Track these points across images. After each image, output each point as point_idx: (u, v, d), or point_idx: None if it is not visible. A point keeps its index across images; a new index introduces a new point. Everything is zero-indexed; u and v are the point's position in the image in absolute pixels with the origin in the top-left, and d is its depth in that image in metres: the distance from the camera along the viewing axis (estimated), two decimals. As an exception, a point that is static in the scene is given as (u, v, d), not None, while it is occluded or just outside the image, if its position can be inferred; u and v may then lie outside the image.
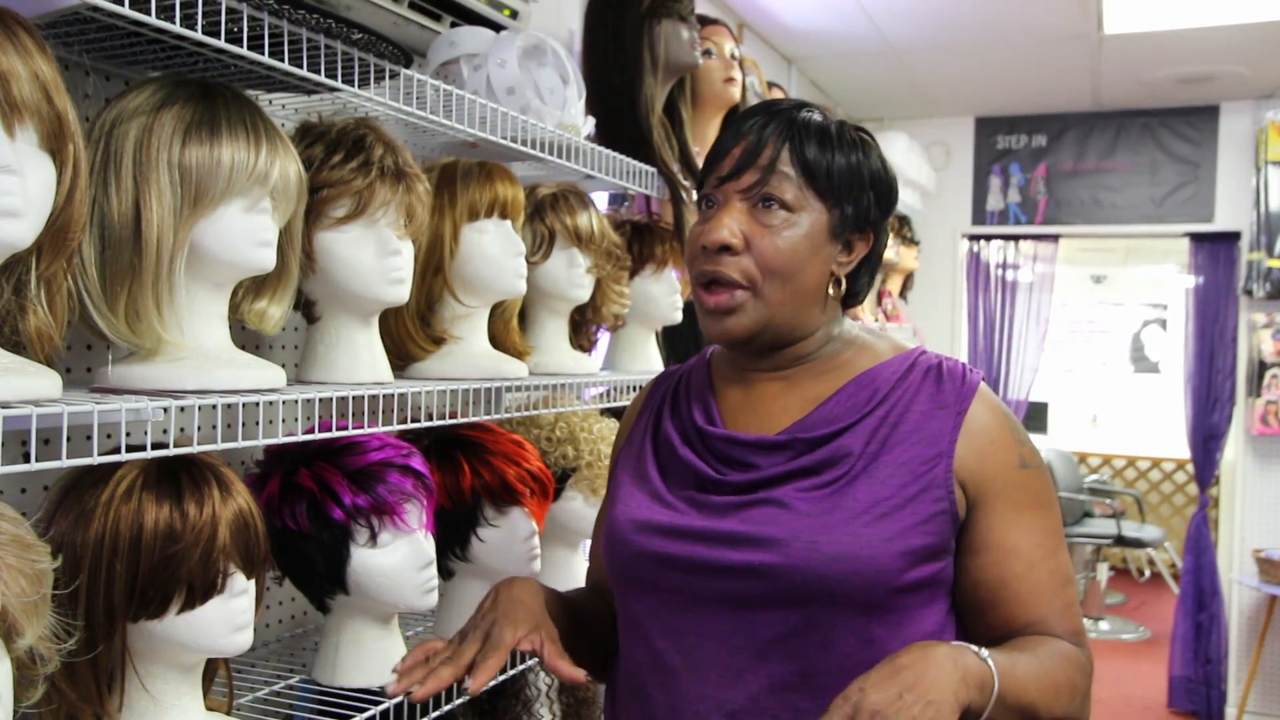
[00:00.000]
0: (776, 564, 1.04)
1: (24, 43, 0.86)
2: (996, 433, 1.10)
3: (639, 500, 1.16)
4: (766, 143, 1.10)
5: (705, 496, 1.11)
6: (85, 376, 1.23)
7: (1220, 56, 3.85)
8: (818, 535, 1.04)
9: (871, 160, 1.15)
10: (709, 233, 1.11)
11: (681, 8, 2.12)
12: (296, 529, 1.26)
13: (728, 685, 1.07)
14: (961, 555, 1.10)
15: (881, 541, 1.03)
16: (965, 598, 1.11)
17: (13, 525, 0.82)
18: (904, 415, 1.10)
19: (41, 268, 0.93)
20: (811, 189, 1.10)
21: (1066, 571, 1.12)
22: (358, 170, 1.27)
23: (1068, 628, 1.09)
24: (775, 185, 1.09)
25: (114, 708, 1.03)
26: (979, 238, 5.05)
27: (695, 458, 1.14)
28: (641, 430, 1.24)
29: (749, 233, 1.10)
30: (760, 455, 1.11)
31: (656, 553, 1.11)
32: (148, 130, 1.04)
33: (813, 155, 1.10)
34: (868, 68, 4.13)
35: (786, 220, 1.10)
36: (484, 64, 1.55)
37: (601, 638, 1.25)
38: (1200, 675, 4.57)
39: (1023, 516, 1.09)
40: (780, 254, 1.09)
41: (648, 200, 2.19)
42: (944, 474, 1.07)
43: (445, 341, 1.50)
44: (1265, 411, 4.34)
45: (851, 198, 1.12)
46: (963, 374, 1.14)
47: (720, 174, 1.13)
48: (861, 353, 1.17)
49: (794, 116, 1.13)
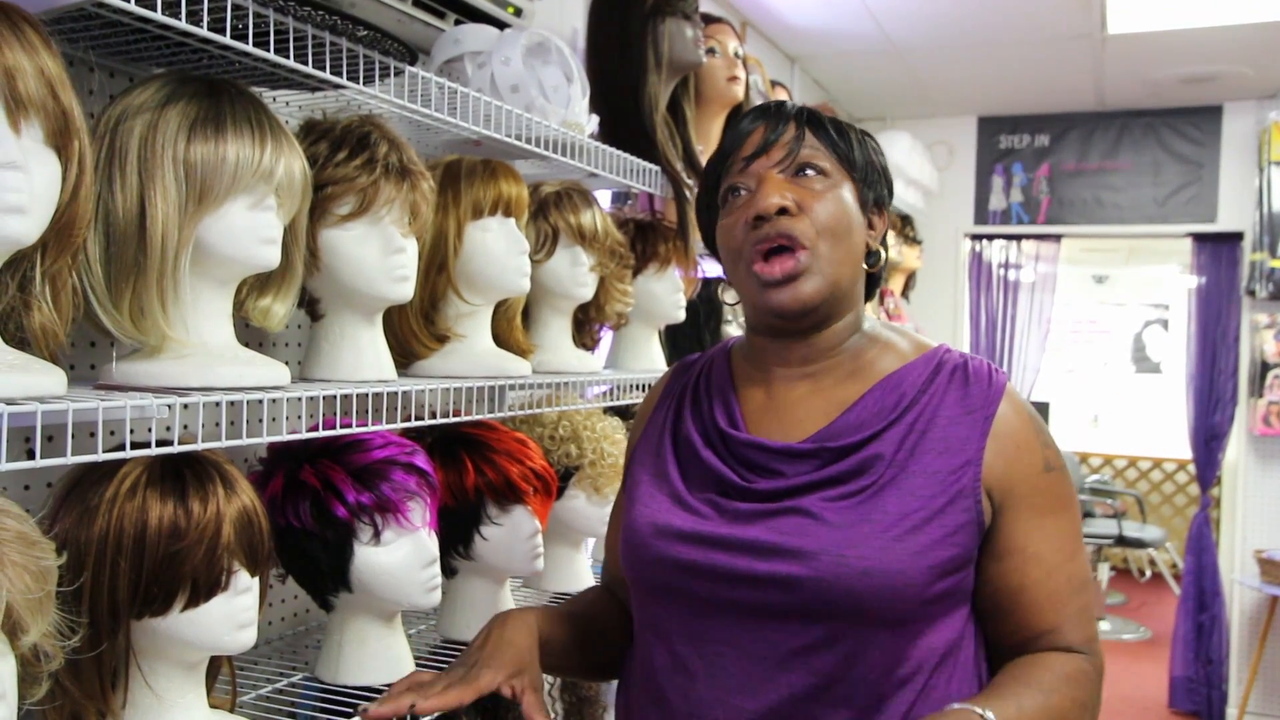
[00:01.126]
0: (804, 576, 1.02)
1: (30, 39, 0.86)
2: (1023, 437, 1.09)
3: (659, 502, 1.14)
4: (787, 124, 1.12)
5: (728, 502, 1.09)
6: (89, 373, 1.23)
7: (1224, 56, 3.85)
8: (847, 549, 1.02)
9: (879, 155, 1.18)
10: (759, 200, 1.08)
11: (685, 6, 2.11)
12: (300, 527, 1.26)
13: (748, 694, 1.05)
14: (983, 560, 1.08)
15: (910, 556, 1.02)
16: (984, 603, 1.10)
17: (17, 522, 0.82)
18: (932, 421, 1.08)
19: (46, 264, 0.93)
20: (838, 162, 1.12)
21: (1084, 575, 1.11)
22: (362, 167, 1.27)
23: (1081, 636, 1.09)
24: (809, 154, 1.10)
25: (118, 705, 1.03)
26: (981, 237, 5.05)
27: (719, 461, 1.12)
28: (659, 425, 1.22)
29: (797, 198, 1.09)
30: (786, 463, 1.09)
31: (677, 559, 1.09)
32: (153, 127, 1.04)
33: (834, 135, 1.13)
34: (871, 67, 4.13)
35: (828, 184, 1.10)
36: (488, 62, 1.54)
37: (612, 643, 1.24)
38: (1201, 676, 4.57)
39: (1045, 521, 1.08)
40: (834, 215, 1.09)
41: (651, 199, 2.18)
42: (972, 482, 1.05)
43: (449, 339, 1.50)
44: (1267, 412, 4.34)
45: (869, 177, 1.15)
46: (989, 375, 1.12)
47: (745, 154, 1.12)
48: (885, 352, 1.15)
49: (803, 108, 1.16)
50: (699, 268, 2.13)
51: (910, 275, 4.50)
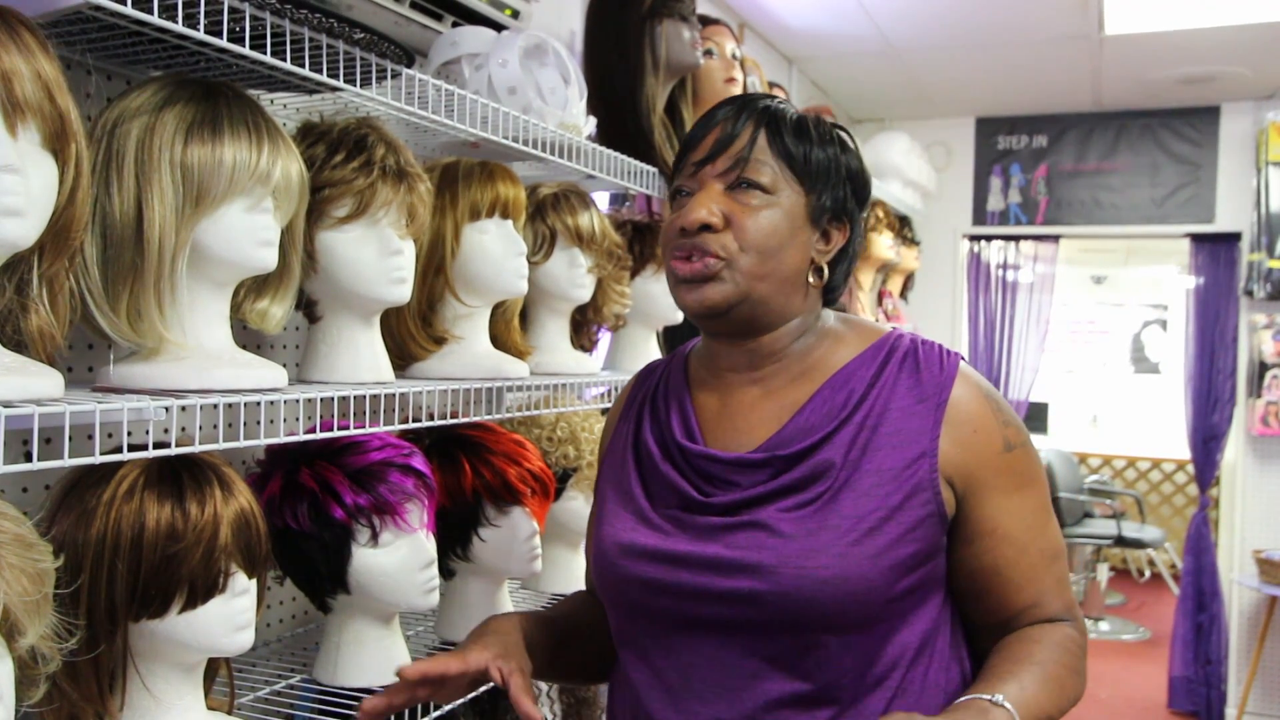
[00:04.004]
0: (766, 590, 1.02)
1: (26, 42, 0.86)
2: (980, 420, 1.08)
3: (624, 521, 1.13)
4: (742, 128, 1.09)
5: (690, 516, 1.09)
6: (87, 376, 1.23)
7: (1221, 57, 3.85)
8: (805, 560, 1.01)
9: (849, 156, 1.14)
10: (687, 214, 1.08)
11: (683, 8, 2.12)
12: (298, 528, 1.26)
13: (724, 704, 1.05)
14: (954, 544, 1.09)
15: (869, 559, 1.01)
16: (960, 586, 1.10)
17: (15, 524, 0.82)
18: (883, 416, 1.07)
19: (44, 267, 0.93)
20: (790, 172, 1.09)
21: (1057, 546, 1.11)
22: (359, 170, 1.27)
23: (1061, 604, 1.10)
24: (752, 169, 1.08)
25: (115, 707, 1.03)
26: (979, 238, 5.05)
27: (677, 475, 1.12)
28: (623, 438, 1.21)
29: (728, 212, 1.08)
30: (740, 474, 1.08)
31: (643, 578, 1.09)
32: (150, 130, 1.04)
33: (789, 141, 1.10)
34: (868, 68, 4.13)
35: (765, 201, 1.08)
36: (485, 64, 1.55)
37: (597, 645, 1.24)
38: (1200, 676, 4.57)
39: (1011, 500, 1.08)
40: (762, 231, 1.07)
41: (649, 200, 2.19)
42: (929, 474, 1.04)
43: (446, 341, 1.50)
44: (1266, 412, 4.34)
45: (829, 187, 1.11)
46: (940, 359, 1.10)
47: (695, 159, 1.11)
48: (835, 346, 1.14)
49: (768, 105, 1.12)
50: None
51: (909, 276, 4.50)
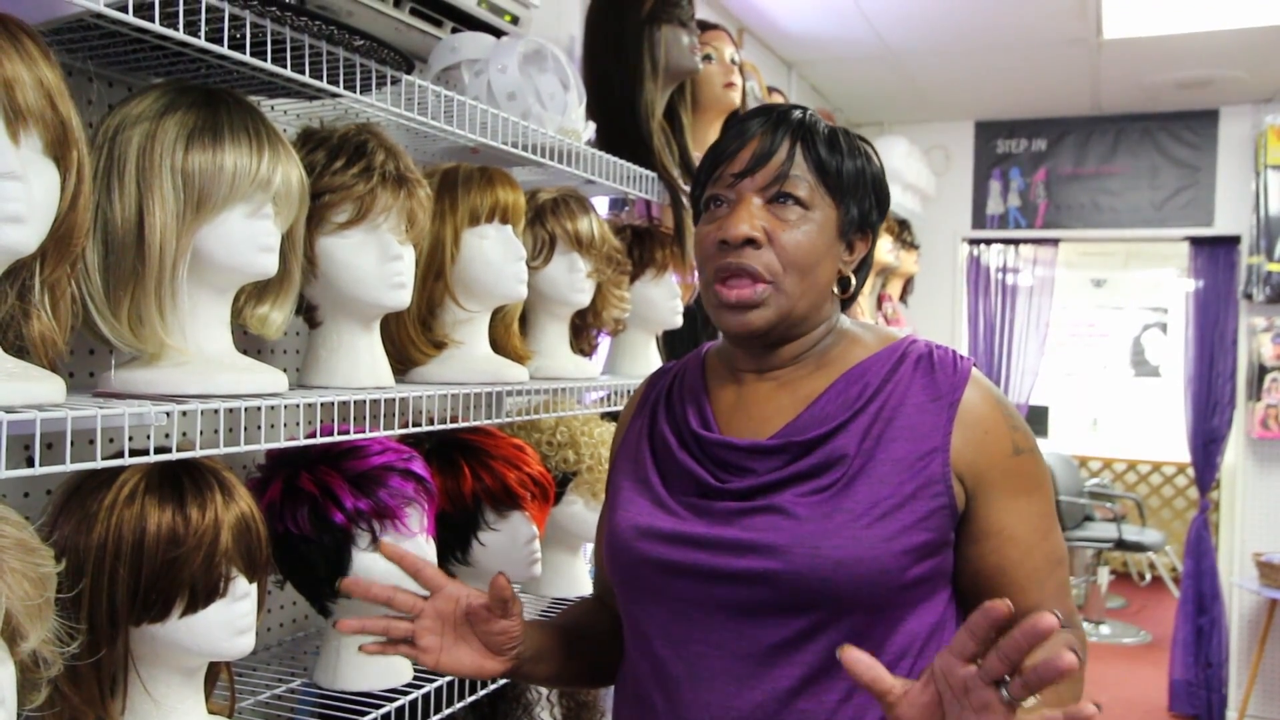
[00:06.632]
0: (779, 570, 1.04)
1: (28, 49, 0.87)
2: (990, 422, 1.11)
3: (640, 505, 1.16)
4: (780, 142, 1.12)
5: (706, 502, 1.11)
6: (88, 381, 1.23)
7: (1219, 61, 3.86)
8: (819, 541, 1.04)
9: (873, 165, 1.17)
10: (730, 227, 1.10)
11: (681, 13, 2.12)
12: (298, 533, 1.27)
13: (732, 693, 1.07)
14: (961, 543, 1.11)
15: (882, 542, 1.04)
16: (965, 584, 1.12)
17: (16, 529, 0.83)
18: (898, 410, 1.10)
19: (45, 273, 0.93)
20: (824, 187, 1.12)
21: (1060, 552, 1.13)
22: (359, 175, 1.27)
23: (1062, 609, 1.10)
24: (792, 183, 1.11)
25: (116, 711, 1.03)
26: (979, 242, 5.05)
27: (694, 463, 1.14)
28: (637, 431, 1.24)
29: (769, 228, 1.10)
30: (756, 460, 1.11)
31: (660, 559, 1.11)
32: (151, 136, 1.04)
33: (825, 155, 1.12)
34: (867, 72, 4.14)
35: (803, 216, 1.11)
36: (485, 69, 1.55)
37: (602, 649, 1.25)
38: (1201, 679, 4.57)
39: (1018, 503, 1.10)
40: (801, 248, 1.10)
41: (648, 205, 2.19)
42: (941, 469, 1.07)
43: (446, 346, 1.51)
44: (1265, 415, 4.34)
45: (857, 199, 1.14)
46: (954, 362, 1.14)
47: (734, 170, 1.13)
48: (851, 346, 1.17)
49: (803, 118, 1.14)
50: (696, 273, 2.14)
51: (908, 280, 4.50)
